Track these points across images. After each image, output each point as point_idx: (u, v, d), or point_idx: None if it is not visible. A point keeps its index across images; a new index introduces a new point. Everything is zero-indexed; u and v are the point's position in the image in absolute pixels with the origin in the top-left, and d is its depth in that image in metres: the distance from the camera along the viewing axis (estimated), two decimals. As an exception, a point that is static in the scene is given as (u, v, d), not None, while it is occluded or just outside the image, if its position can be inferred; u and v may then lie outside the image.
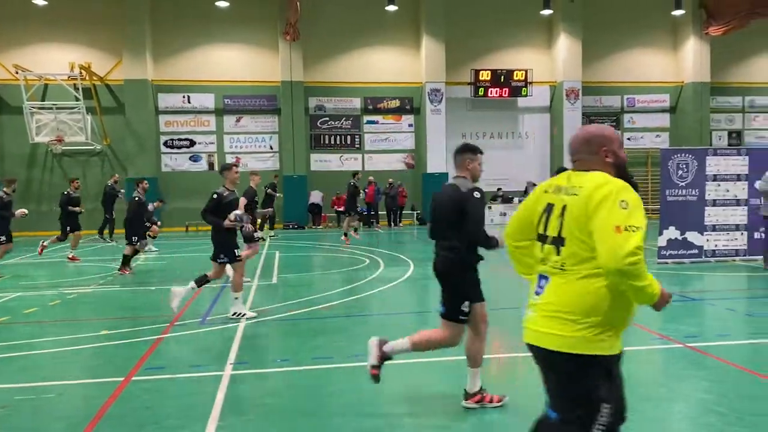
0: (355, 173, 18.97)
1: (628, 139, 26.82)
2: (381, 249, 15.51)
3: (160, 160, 24.32)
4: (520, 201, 24.59)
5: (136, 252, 12.26)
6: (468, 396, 4.57)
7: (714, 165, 12.11)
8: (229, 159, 24.80)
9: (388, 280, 10.67)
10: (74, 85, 22.90)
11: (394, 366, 5.73)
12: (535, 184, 25.69)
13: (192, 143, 24.62)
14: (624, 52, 26.49)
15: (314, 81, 24.73)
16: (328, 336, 6.92)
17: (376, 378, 4.50)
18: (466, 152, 4.65)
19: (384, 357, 4.51)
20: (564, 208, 2.57)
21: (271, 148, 25.00)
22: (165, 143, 24.48)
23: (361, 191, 18.65)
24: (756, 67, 27.33)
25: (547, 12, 24.17)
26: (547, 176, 26.05)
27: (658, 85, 26.71)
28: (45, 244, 14.25)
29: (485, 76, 24.88)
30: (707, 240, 12.12)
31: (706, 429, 4.14)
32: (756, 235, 12.05)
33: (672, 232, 12.08)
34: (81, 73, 22.98)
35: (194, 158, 24.66)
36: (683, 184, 12.06)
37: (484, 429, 4.25)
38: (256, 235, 10.56)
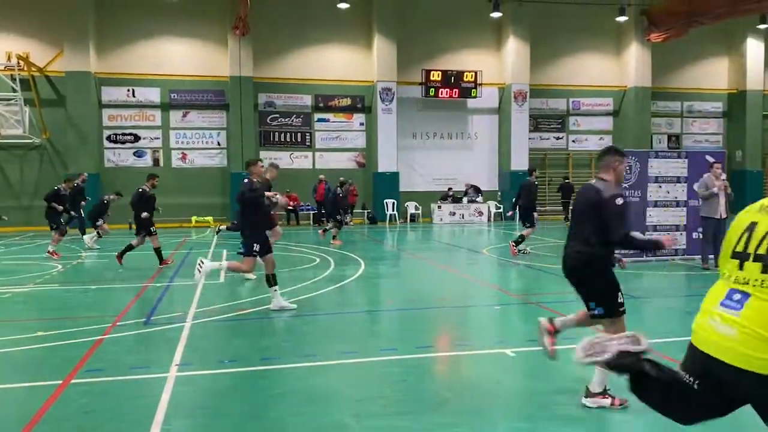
0: (343, 183, 18.63)
1: (573, 141, 27.51)
2: (331, 248, 15.43)
3: (103, 156, 23.54)
4: (469, 201, 24.89)
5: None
6: (589, 394, 4.59)
7: (656, 167, 12.51)
8: (175, 155, 24.25)
9: (339, 279, 10.61)
10: (11, 75, 21.92)
11: (344, 366, 5.68)
12: (473, 186, 26.01)
13: (136, 138, 23.93)
14: (570, 56, 27.13)
15: (264, 77, 24.39)
16: (276, 336, 6.82)
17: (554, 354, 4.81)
18: (615, 154, 4.66)
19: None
20: None
21: (219, 144, 24.54)
22: (108, 138, 23.71)
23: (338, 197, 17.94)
24: (694, 74, 28.44)
25: (496, 15, 24.53)
26: (495, 177, 26.52)
27: (602, 89, 27.47)
28: (50, 249, 13.70)
29: (436, 76, 25.07)
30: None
31: (664, 427, 4.24)
32: (694, 235, 12.51)
33: (615, 232, 12.41)
34: (19, 63, 22.03)
35: (138, 153, 23.98)
36: (627, 185, 12.40)
37: (436, 428, 4.25)
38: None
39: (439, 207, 24.69)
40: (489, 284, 10.49)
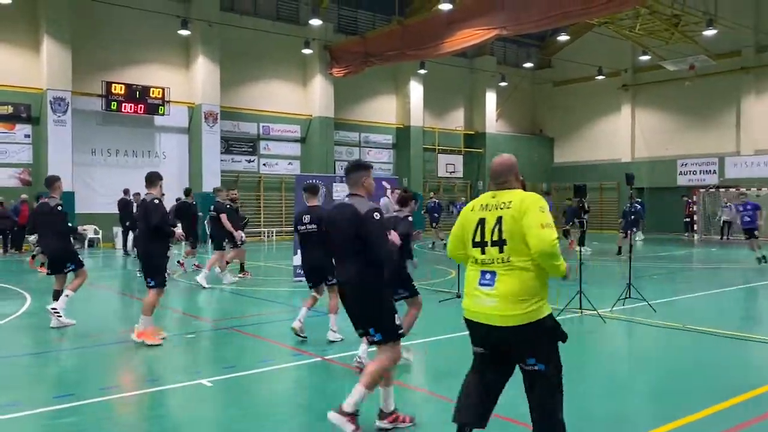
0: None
1: (264, 164, 28.10)
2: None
3: None
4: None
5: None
6: (383, 416, 4.46)
7: (340, 190, 13.43)
8: None
9: (-5, 318, 8.90)
10: None
11: (3, 423, 4.69)
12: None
13: None
14: (260, 81, 27.72)
15: None
16: None
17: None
18: (361, 170, 4.49)
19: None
20: (499, 218, 3.48)
21: None
22: None
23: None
24: (369, 108, 31.55)
25: (185, 32, 23.83)
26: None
27: (290, 116, 28.63)
28: None
29: (119, 89, 23.19)
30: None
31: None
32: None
33: (305, 253, 12.92)
34: None
35: None
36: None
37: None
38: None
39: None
40: (179, 311, 9.91)
